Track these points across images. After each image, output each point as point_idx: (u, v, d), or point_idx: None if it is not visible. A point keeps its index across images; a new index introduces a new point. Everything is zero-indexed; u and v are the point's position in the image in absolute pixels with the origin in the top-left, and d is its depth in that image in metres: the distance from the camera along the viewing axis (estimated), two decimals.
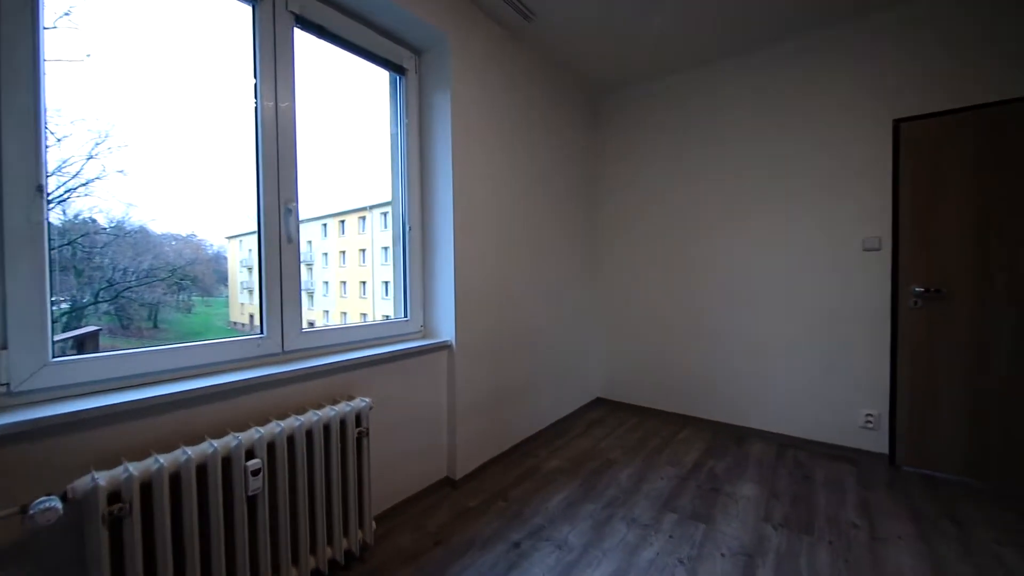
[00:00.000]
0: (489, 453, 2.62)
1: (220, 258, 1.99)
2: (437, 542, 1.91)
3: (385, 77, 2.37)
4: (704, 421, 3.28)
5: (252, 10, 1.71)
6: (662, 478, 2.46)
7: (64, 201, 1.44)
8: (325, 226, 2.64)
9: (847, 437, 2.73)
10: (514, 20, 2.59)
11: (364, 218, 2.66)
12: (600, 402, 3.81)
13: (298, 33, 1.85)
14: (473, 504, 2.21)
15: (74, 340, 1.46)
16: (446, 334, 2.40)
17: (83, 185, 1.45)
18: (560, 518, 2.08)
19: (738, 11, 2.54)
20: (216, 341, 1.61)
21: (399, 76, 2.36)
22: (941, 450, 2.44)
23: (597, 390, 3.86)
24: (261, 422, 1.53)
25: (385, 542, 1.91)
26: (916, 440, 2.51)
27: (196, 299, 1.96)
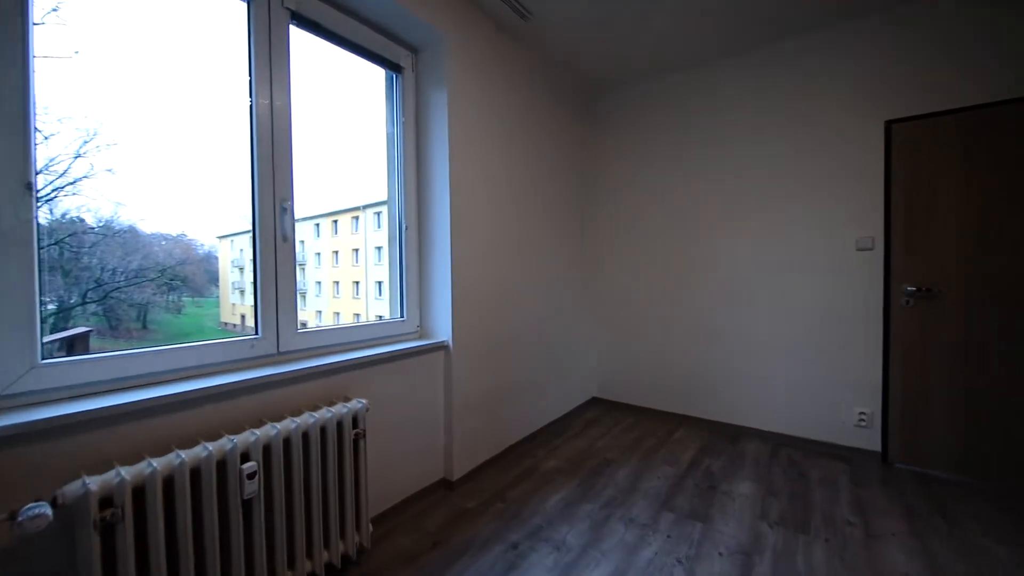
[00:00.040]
0: (486, 454, 2.61)
1: (211, 258, 1.96)
2: (435, 544, 1.89)
3: (381, 75, 2.35)
4: (699, 420, 3.30)
5: (247, 6, 1.68)
6: (659, 477, 2.47)
7: (51, 200, 1.40)
8: (318, 226, 2.61)
9: (841, 435, 2.76)
10: (511, 19, 2.58)
11: (357, 218, 2.63)
12: (596, 402, 3.81)
13: (293, 30, 1.82)
14: (471, 505, 2.20)
15: (64, 341, 1.43)
16: (443, 334, 2.38)
17: (71, 184, 1.42)
18: (558, 518, 2.07)
19: (738, 11, 2.55)
20: (210, 342, 1.58)
21: (395, 74, 2.35)
22: (933, 448, 2.48)
23: (593, 389, 3.87)
24: (256, 424, 1.51)
25: (382, 545, 1.89)
26: (908, 438, 2.54)
27: (186, 299, 1.93)
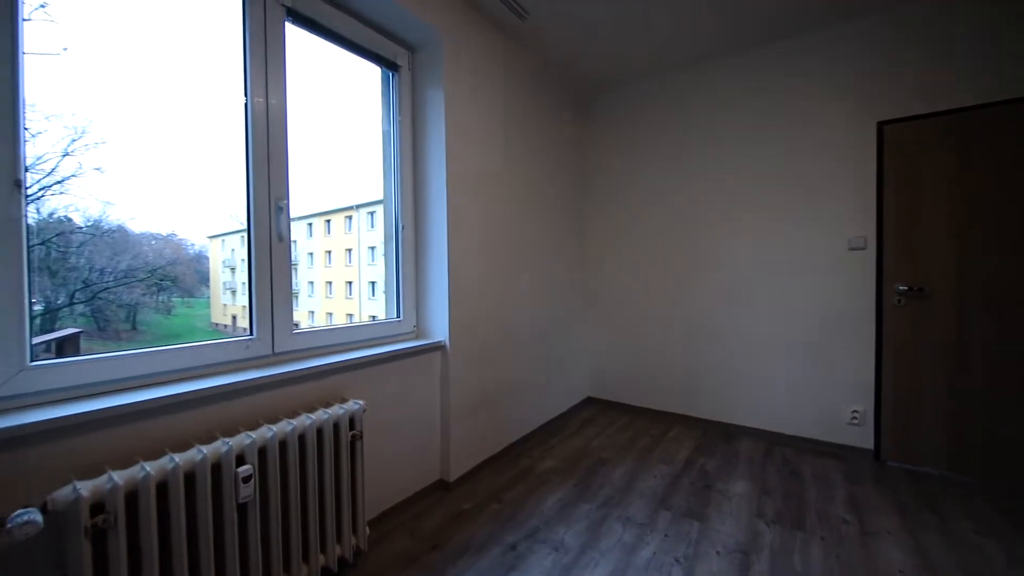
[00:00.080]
0: (483, 455, 2.60)
1: (202, 258, 1.93)
2: (432, 546, 1.87)
3: (377, 73, 2.33)
4: (693, 419, 3.31)
5: (242, 3, 1.66)
6: (655, 476, 2.48)
7: (38, 199, 1.37)
8: (311, 225, 2.58)
9: (833, 433, 2.79)
10: (509, 19, 2.58)
11: (351, 217, 2.61)
12: (591, 401, 3.82)
13: (289, 27, 1.80)
14: (468, 507, 2.19)
15: (53, 343, 1.39)
16: (439, 334, 2.37)
17: (58, 183, 1.39)
18: (556, 519, 2.07)
19: (738, 11, 2.57)
20: (204, 343, 1.55)
21: (392, 73, 2.33)
22: (924, 446, 2.51)
23: (588, 389, 3.87)
24: (252, 427, 1.48)
25: (379, 547, 1.87)
26: (900, 436, 2.57)
27: (177, 300, 1.90)
